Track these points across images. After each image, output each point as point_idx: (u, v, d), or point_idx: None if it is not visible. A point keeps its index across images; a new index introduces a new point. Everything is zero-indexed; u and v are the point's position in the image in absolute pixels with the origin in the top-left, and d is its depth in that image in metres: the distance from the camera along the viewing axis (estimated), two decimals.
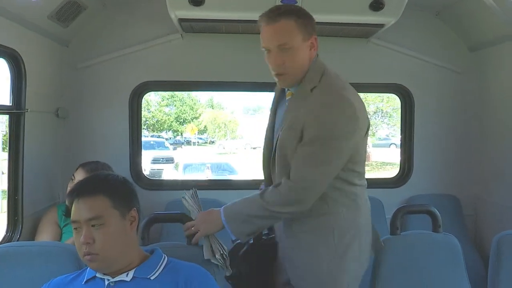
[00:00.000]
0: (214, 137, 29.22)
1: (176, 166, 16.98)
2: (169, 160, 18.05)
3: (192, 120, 29.88)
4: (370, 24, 3.20)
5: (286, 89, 2.11)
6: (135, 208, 1.74)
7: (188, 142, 28.44)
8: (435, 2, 3.50)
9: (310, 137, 1.91)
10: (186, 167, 15.97)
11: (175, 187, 3.74)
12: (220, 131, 29.35)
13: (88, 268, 1.74)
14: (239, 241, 2.10)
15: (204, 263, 1.90)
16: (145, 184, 3.61)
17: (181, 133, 29.80)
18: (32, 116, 2.94)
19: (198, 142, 28.88)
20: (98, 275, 1.70)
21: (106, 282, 1.68)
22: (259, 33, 1.98)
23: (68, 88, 3.44)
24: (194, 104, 31.03)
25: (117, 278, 1.68)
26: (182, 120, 29.71)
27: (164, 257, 1.77)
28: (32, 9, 2.77)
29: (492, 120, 3.50)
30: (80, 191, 1.67)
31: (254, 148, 24.03)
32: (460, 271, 2.35)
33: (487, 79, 3.55)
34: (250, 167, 15.64)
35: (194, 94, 28.56)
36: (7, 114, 2.87)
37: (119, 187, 1.73)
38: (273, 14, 1.95)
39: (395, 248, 2.34)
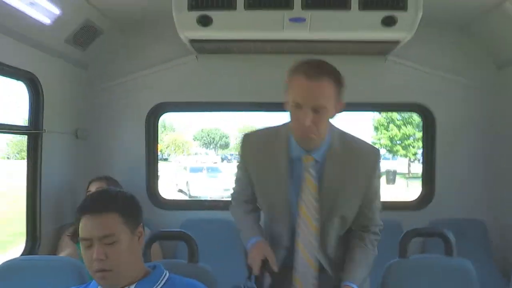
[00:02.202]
0: (172, 154, 37.32)
1: (185, 168, 24.99)
2: None
3: None
4: (384, 41, 3.11)
5: (299, 155, 1.90)
6: (141, 224, 1.74)
7: None
8: (459, 16, 3.33)
9: (377, 194, 2.00)
10: (192, 168, 24.34)
11: (190, 207, 3.81)
12: (178, 149, 37.71)
13: (92, 282, 1.74)
14: None
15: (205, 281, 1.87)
16: (161, 204, 3.63)
17: None
18: (51, 137, 3.05)
19: None
20: None
21: None
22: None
23: (87, 109, 3.53)
24: None
25: None
26: None
27: (166, 273, 1.76)
28: (48, 33, 2.86)
29: None
30: (92, 207, 1.66)
31: (204, 162, 30.81)
32: None
33: None
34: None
35: None
36: (24, 134, 2.98)
37: (128, 203, 1.71)
38: (314, 72, 1.76)
39: (403, 272, 2.23)
